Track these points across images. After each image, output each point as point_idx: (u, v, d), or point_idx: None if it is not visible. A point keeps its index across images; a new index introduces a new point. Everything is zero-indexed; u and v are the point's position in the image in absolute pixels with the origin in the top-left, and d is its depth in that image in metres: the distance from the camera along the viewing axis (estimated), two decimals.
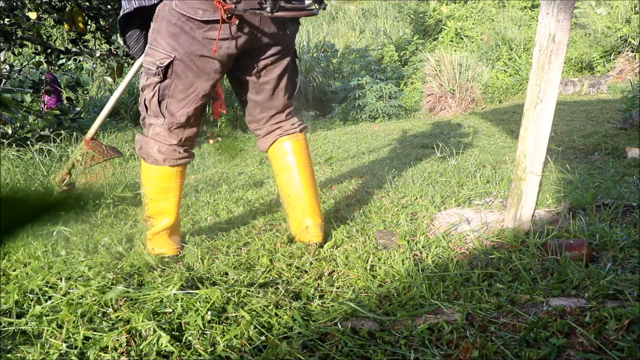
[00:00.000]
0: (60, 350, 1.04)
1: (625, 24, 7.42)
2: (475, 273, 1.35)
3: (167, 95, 1.50)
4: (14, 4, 4.62)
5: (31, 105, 5.06)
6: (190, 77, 1.48)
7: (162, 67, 1.46)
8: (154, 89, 1.50)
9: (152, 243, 1.65)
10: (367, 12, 13.33)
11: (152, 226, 1.63)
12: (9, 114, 3.58)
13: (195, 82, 1.49)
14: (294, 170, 1.70)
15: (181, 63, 1.46)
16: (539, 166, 1.51)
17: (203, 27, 1.40)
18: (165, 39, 1.44)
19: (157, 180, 1.59)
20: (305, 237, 1.69)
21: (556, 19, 1.40)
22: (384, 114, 6.76)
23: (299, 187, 1.69)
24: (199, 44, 1.42)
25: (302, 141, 1.74)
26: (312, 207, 1.70)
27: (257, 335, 1.09)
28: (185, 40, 1.42)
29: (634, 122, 3.88)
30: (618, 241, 1.46)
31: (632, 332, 0.98)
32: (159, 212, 1.62)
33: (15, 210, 0.28)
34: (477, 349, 0.98)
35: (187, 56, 1.44)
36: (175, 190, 1.61)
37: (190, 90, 1.50)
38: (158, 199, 1.60)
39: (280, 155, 1.72)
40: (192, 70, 1.47)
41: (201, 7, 1.37)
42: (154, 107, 1.52)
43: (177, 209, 1.65)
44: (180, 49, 1.44)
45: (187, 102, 1.51)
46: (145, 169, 1.61)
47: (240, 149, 4.51)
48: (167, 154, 1.56)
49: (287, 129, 1.72)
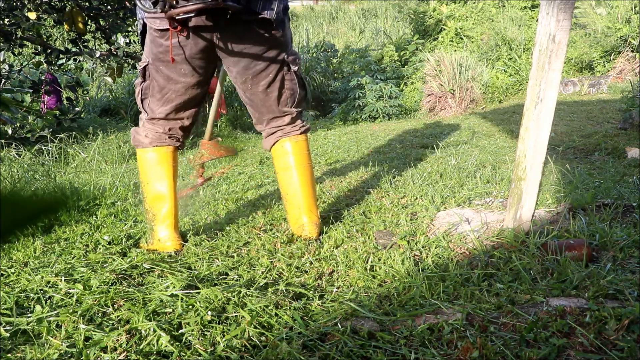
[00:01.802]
0: (60, 350, 1.04)
1: (625, 24, 7.42)
2: (475, 273, 1.35)
3: (147, 94, 1.71)
4: (14, 4, 4.62)
5: (31, 105, 5.06)
6: (161, 80, 1.65)
7: (142, 69, 1.67)
8: (139, 87, 1.71)
9: (155, 237, 1.72)
10: (367, 12, 13.33)
11: (154, 217, 1.72)
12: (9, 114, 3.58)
13: (167, 84, 1.65)
14: (293, 170, 1.79)
15: (153, 67, 1.65)
16: (539, 166, 1.51)
17: (163, 36, 1.56)
18: (146, 46, 1.65)
19: (147, 162, 1.74)
20: (301, 233, 1.79)
21: (556, 19, 1.40)
22: (384, 114, 6.76)
23: (297, 186, 1.79)
24: (162, 51, 1.59)
25: (303, 142, 1.82)
26: (308, 205, 1.79)
27: (257, 335, 1.09)
28: (153, 48, 1.61)
29: (634, 122, 3.88)
30: (618, 241, 1.46)
31: (632, 332, 0.98)
32: (157, 197, 1.73)
33: (15, 210, 0.28)
34: (477, 349, 0.98)
35: (157, 61, 1.62)
36: (168, 172, 1.74)
37: (164, 91, 1.67)
38: (153, 181, 1.74)
39: (280, 155, 1.82)
40: (162, 74, 1.64)
41: (159, 17, 1.53)
42: (139, 104, 1.74)
43: (174, 195, 1.75)
44: (152, 54, 1.62)
45: (163, 101, 1.69)
46: (139, 155, 1.78)
47: (240, 149, 4.51)
48: (153, 138, 1.73)
49: (288, 131, 1.80)
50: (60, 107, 5.29)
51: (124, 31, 5.32)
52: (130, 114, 7.25)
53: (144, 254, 1.61)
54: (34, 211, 0.29)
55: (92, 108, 7.33)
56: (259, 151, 4.10)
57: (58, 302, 1.25)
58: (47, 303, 1.25)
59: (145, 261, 1.53)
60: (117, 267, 1.47)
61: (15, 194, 0.28)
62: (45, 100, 5.15)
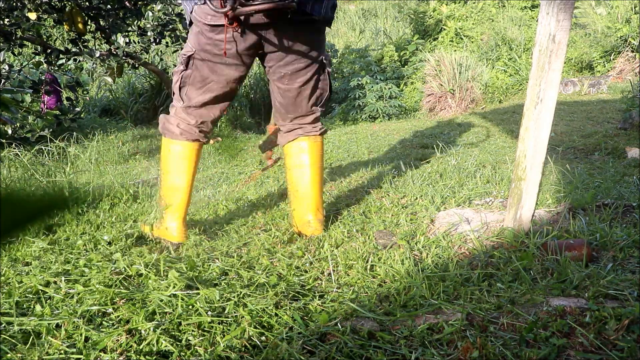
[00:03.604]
0: (60, 350, 1.04)
1: (625, 24, 7.42)
2: (475, 273, 1.35)
3: (187, 83, 1.73)
4: (14, 4, 4.62)
5: (31, 105, 5.06)
6: (205, 70, 1.69)
7: (186, 58, 1.69)
8: (179, 75, 1.73)
9: (164, 224, 1.77)
10: (367, 12, 13.32)
11: (165, 206, 1.76)
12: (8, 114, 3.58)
13: (210, 76, 1.69)
14: (307, 168, 1.83)
15: (199, 57, 1.67)
16: (539, 166, 1.51)
17: (213, 30, 1.61)
18: (192, 36, 1.68)
19: (174, 154, 1.77)
20: (307, 230, 1.81)
21: (556, 19, 1.40)
22: (384, 114, 6.75)
23: (308, 185, 1.82)
24: (211, 44, 1.63)
25: (319, 143, 1.87)
26: (317, 204, 1.84)
27: (257, 336, 1.09)
28: (202, 40, 1.64)
29: (634, 122, 3.88)
30: (618, 241, 1.46)
31: (632, 332, 0.98)
32: (174, 188, 1.76)
33: (15, 210, 0.28)
34: (477, 349, 0.98)
35: (203, 52, 1.65)
36: (189, 167, 1.77)
37: (207, 81, 1.70)
38: (173, 173, 1.77)
39: (296, 153, 1.85)
40: (207, 65, 1.68)
41: (209, 13, 1.57)
42: (176, 91, 1.75)
43: (190, 189, 1.78)
44: (198, 45, 1.66)
45: (203, 90, 1.72)
46: (164, 144, 1.80)
47: (240, 149, 4.51)
48: (184, 129, 1.75)
49: (309, 130, 1.84)
50: (60, 107, 5.29)
51: (124, 31, 5.32)
52: (130, 114, 7.24)
53: (144, 254, 1.61)
54: (34, 211, 0.29)
55: (92, 108, 7.32)
56: (259, 151, 4.10)
57: (58, 302, 1.25)
58: (47, 303, 1.25)
59: (145, 261, 1.53)
60: (117, 267, 1.47)
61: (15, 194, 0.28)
62: (45, 100, 5.15)
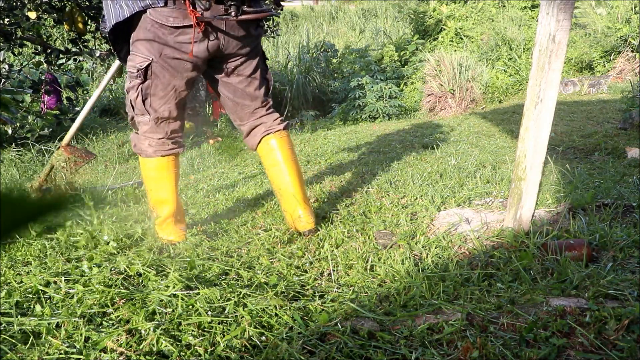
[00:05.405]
0: (60, 350, 1.04)
1: (625, 24, 7.42)
2: (475, 273, 1.35)
3: (149, 94, 1.68)
4: (14, 4, 4.62)
5: (31, 105, 5.05)
6: (167, 76, 1.65)
7: (142, 70, 1.64)
8: (137, 89, 1.67)
9: (161, 232, 1.81)
10: (367, 12, 13.33)
11: (158, 216, 1.79)
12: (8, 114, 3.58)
13: (172, 81, 1.67)
14: (282, 165, 1.85)
15: (158, 65, 1.63)
16: (539, 166, 1.51)
17: (174, 33, 1.58)
18: (143, 45, 1.62)
19: (152, 171, 1.77)
20: (300, 225, 1.83)
21: (556, 19, 1.40)
22: (384, 114, 6.75)
23: (288, 180, 1.84)
24: (171, 47, 1.60)
25: (286, 138, 1.89)
26: (301, 197, 1.85)
27: (257, 335, 1.09)
28: (159, 45, 1.60)
29: (634, 122, 3.87)
30: (618, 241, 1.46)
31: (632, 332, 0.98)
32: (160, 201, 1.79)
33: (15, 210, 0.28)
34: (477, 349, 0.98)
35: (162, 58, 1.62)
36: (170, 179, 1.78)
37: (169, 88, 1.68)
38: (156, 188, 1.78)
39: (268, 153, 1.87)
40: (168, 71, 1.65)
41: (171, 15, 1.55)
42: (139, 106, 1.70)
43: (176, 197, 1.81)
44: (155, 52, 1.61)
45: (167, 98, 1.70)
46: (142, 163, 1.80)
47: (240, 149, 4.51)
48: (156, 147, 1.74)
49: (270, 125, 1.87)
50: (60, 107, 5.29)
51: None
52: None
53: (143, 254, 1.61)
54: (34, 211, 0.29)
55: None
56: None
57: (58, 302, 1.25)
58: (47, 303, 1.25)
59: (145, 261, 1.53)
60: (117, 267, 1.47)
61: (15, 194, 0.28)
62: (45, 100, 5.15)
